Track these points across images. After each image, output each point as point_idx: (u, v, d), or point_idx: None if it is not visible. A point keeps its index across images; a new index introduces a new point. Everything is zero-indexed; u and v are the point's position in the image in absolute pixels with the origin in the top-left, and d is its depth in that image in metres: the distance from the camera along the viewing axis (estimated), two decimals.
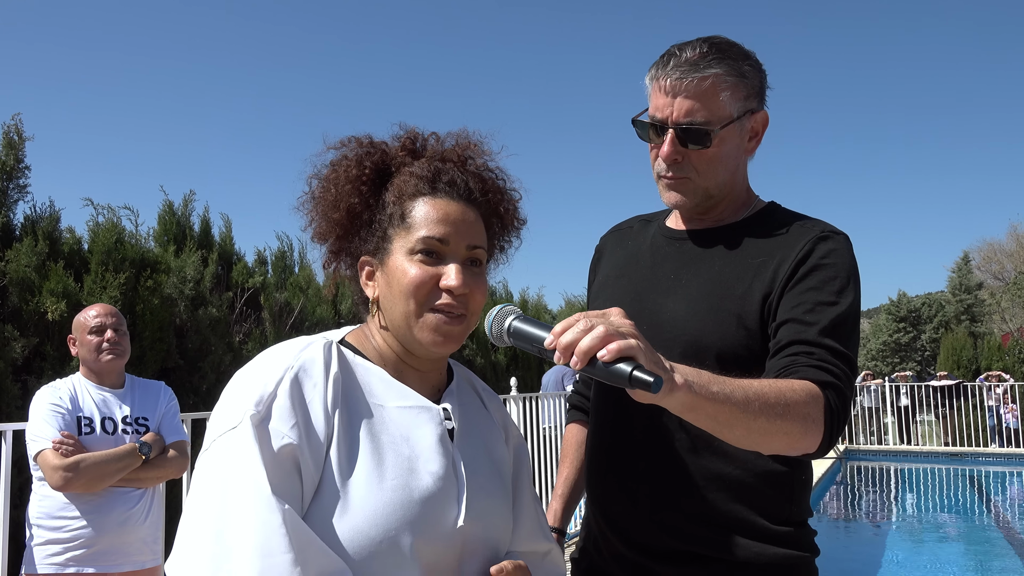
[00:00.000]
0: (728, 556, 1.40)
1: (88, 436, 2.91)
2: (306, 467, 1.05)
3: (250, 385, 1.08)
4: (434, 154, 1.26)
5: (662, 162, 1.47)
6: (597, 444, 1.57)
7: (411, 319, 1.15)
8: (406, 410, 1.17)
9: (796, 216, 1.51)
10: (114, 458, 2.88)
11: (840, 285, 1.37)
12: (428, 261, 1.16)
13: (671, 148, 1.44)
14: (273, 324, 7.78)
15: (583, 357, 0.98)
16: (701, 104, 1.41)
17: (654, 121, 1.46)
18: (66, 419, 2.89)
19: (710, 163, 1.45)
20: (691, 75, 1.41)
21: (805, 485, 1.49)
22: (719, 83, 1.42)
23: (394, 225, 1.19)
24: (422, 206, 1.18)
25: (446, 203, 1.19)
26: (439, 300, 1.15)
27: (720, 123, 1.43)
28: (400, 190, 1.20)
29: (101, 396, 3.04)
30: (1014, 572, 6.82)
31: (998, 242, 45.49)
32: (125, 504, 2.94)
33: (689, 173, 1.46)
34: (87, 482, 2.81)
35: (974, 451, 14.80)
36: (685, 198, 1.49)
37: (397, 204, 1.19)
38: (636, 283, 1.55)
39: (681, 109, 1.42)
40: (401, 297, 1.15)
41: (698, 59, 1.41)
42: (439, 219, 1.17)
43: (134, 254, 6.47)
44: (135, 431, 3.03)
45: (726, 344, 1.39)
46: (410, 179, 1.20)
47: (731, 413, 1.13)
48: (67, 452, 2.80)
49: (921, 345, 35.36)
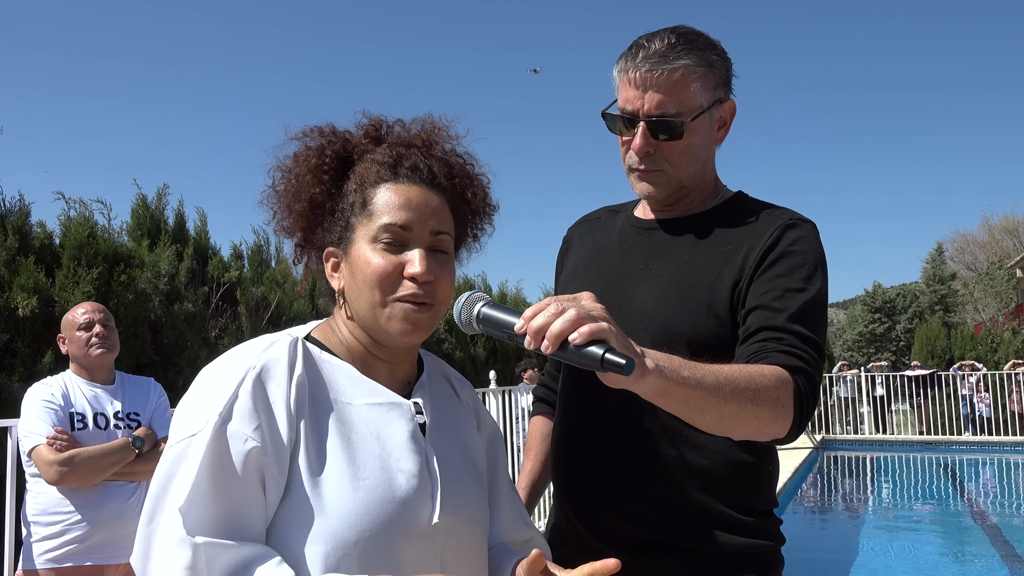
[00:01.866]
0: (695, 545, 1.41)
1: (81, 432, 2.97)
2: (270, 471, 1.03)
3: (212, 387, 1.06)
4: (398, 140, 1.23)
5: (634, 155, 1.47)
6: (564, 433, 1.56)
7: (376, 309, 1.13)
8: (375, 407, 1.14)
9: (764, 205, 1.52)
10: (108, 452, 2.94)
11: (808, 272, 1.38)
12: (391, 249, 1.13)
13: (643, 141, 1.44)
14: (250, 319, 7.70)
15: (554, 341, 0.98)
16: (672, 96, 1.41)
17: (624, 114, 1.45)
18: (59, 415, 2.95)
19: (682, 154, 1.45)
20: (661, 67, 1.40)
21: (772, 475, 1.50)
22: (689, 74, 1.41)
23: (356, 214, 1.16)
24: (384, 192, 1.15)
25: (408, 188, 1.16)
26: (404, 290, 1.12)
27: (691, 114, 1.42)
28: (361, 177, 1.17)
29: (92, 392, 3.09)
30: (986, 556, 6.93)
31: (971, 233, 46.30)
32: (120, 497, 3.00)
33: (662, 165, 1.46)
34: (82, 476, 2.87)
35: (948, 439, 15.01)
36: (657, 189, 1.49)
37: (359, 192, 1.17)
38: (605, 273, 1.55)
39: (652, 101, 1.41)
40: (365, 287, 1.13)
41: (667, 50, 1.41)
42: (401, 205, 1.14)
43: (107, 248, 6.37)
44: (127, 426, 3.09)
45: (697, 332, 1.40)
46: (371, 166, 1.17)
47: (702, 398, 1.13)
48: (61, 447, 2.86)
49: (896, 335, 35.84)
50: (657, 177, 1.47)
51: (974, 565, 6.85)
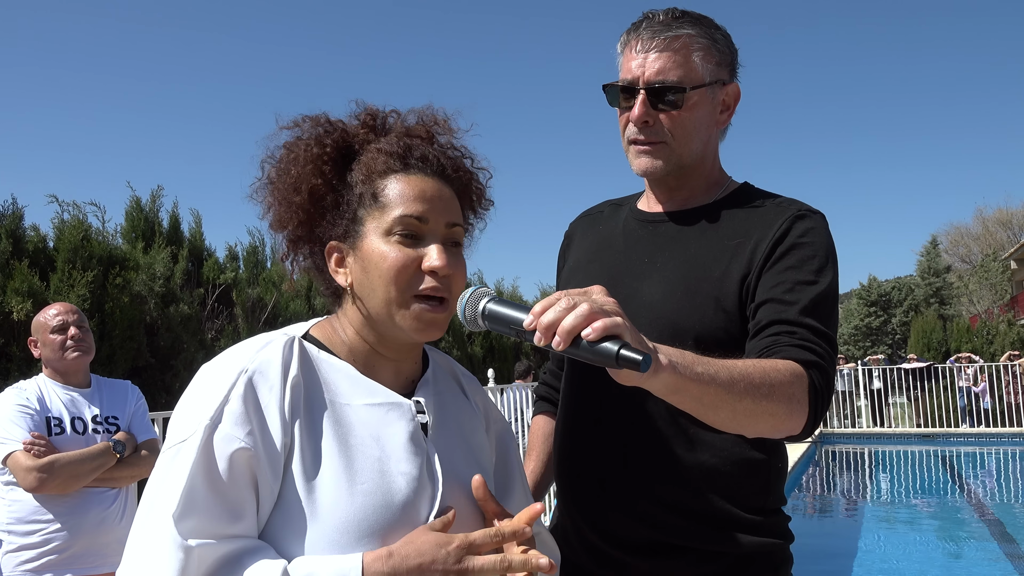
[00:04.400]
0: (703, 545, 1.38)
1: (58, 436, 2.85)
2: (263, 476, 1.01)
3: (203, 391, 1.04)
4: (403, 131, 1.19)
5: (632, 126, 1.44)
6: (568, 432, 1.53)
7: (392, 306, 1.09)
8: (375, 408, 1.11)
9: (771, 195, 1.49)
10: (89, 457, 2.82)
11: (819, 264, 1.35)
12: (407, 242, 1.09)
13: (642, 109, 1.41)
14: (246, 320, 7.68)
15: (566, 337, 0.94)
16: (673, 63, 1.40)
17: (624, 83, 1.44)
18: (35, 420, 2.83)
19: (682, 126, 1.42)
20: (664, 34, 1.40)
21: (781, 473, 1.47)
22: (691, 43, 1.41)
23: (365, 206, 1.12)
24: (395, 184, 1.11)
25: (420, 179, 1.12)
26: (422, 284, 1.09)
27: (691, 84, 1.41)
28: (369, 168, 1.13)
29: (68, 396, 2.98)
30: (985, 548, 6.94)
31: (965, 226, 46.40)
32: (101, 504, 2.89)
33: (662, 136, 1.43)
34: (62, 482, 2.76)
35: (945, 432, 15.04)
36: (656, 163, 1.44)
37: (367, 183, 1.12)
38: (609, 267, 1.51)
39: (653, 67, 1.40)
40: (381, 283, 1.09)
41: (671, 20, 1.41)
42: (415, 196, 1.10)
43: (101, 251, 6.35)
44: (106, 430, 2.98)
45: (704, 327, 1.37)
46: (379, 156, 1.13)
47: (716, 394, 1.10)
48: (39, 453, 2.74)
49: (892, 328, 35.90)
50: (657, 150, 1.44)
51: (972, 555, 6.87)
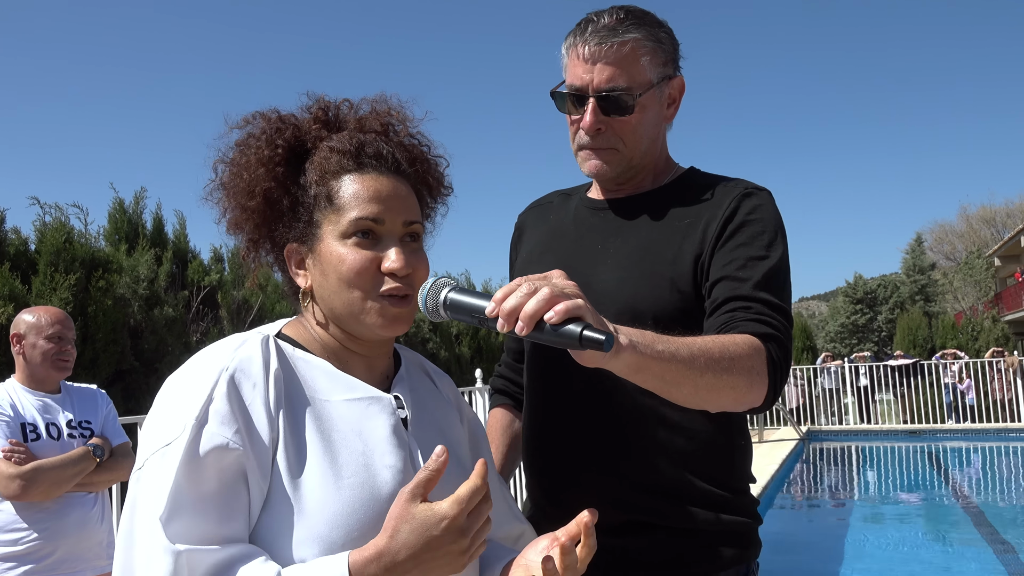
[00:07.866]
0: (672, 524, 1.41)
1: (34, 443, 2.83)
2: (252, 474, 0.99)
3: (184, 392, 1.02)
4: (353, 124, 1.17)
5: (584, 133, 1.46)
6: (534, 418, 1.55)
7: (354, 307, 1.09)
8: (355, 403, 1.10)
9: (717, 177, 1.53)
10: (70, 462, 2.81)
11: (769, 239, 1.39)
12: (364, 244, 1.08)
13: (593, 118, 1.43)
14: (231, 322, 7.64)
15: (529, 321, 0.95)
16: (622, 70, 1.41)
17: (573, 91, 1.44)
18: (11, 426, 2.80)
19: (633, 131, 1.44)
20: (611, 40, 1.40)
21: (745, 451, 1.51)
22: (638, 48, 1.42)
23: (321, 208, 1.10)
24: (349, 184, 1.10)
25: (375, 179, 1.11)
26: (384, 286, 1.08)
27: (641, 88, 1.42)
28: (322, 168, 1.11)
29: (40, 402, 2.94)
30: (971, 542, 6.99)
31: (949, 223, 46.87)
32: (82, 507, 2.89)
33: (613, 143, 1.45)
34: (46, 489, 2.74)
35: (931, 428, 15.14)
36: (607, 167, 1.47)
37: (321, 184, 1.11)
38: (563, 256, 1.53)
39: (602, 76, 1.41)
40: (341, 286, 1.08)
41: (616, 24, 1.41)
42: (370, 197, 1.09)
43: (84, 254, 6.29)
44: (80, 435, 2.96)
45: (661, 308, 1.39)
46: (331, 155, 1.12)
47: (678, 371, 1.12)
48: (20, 460, 2.72)
49: (878, 326, 36.16)
50: (609, 156, 1.46)
51: (959, 550, 6.91)
